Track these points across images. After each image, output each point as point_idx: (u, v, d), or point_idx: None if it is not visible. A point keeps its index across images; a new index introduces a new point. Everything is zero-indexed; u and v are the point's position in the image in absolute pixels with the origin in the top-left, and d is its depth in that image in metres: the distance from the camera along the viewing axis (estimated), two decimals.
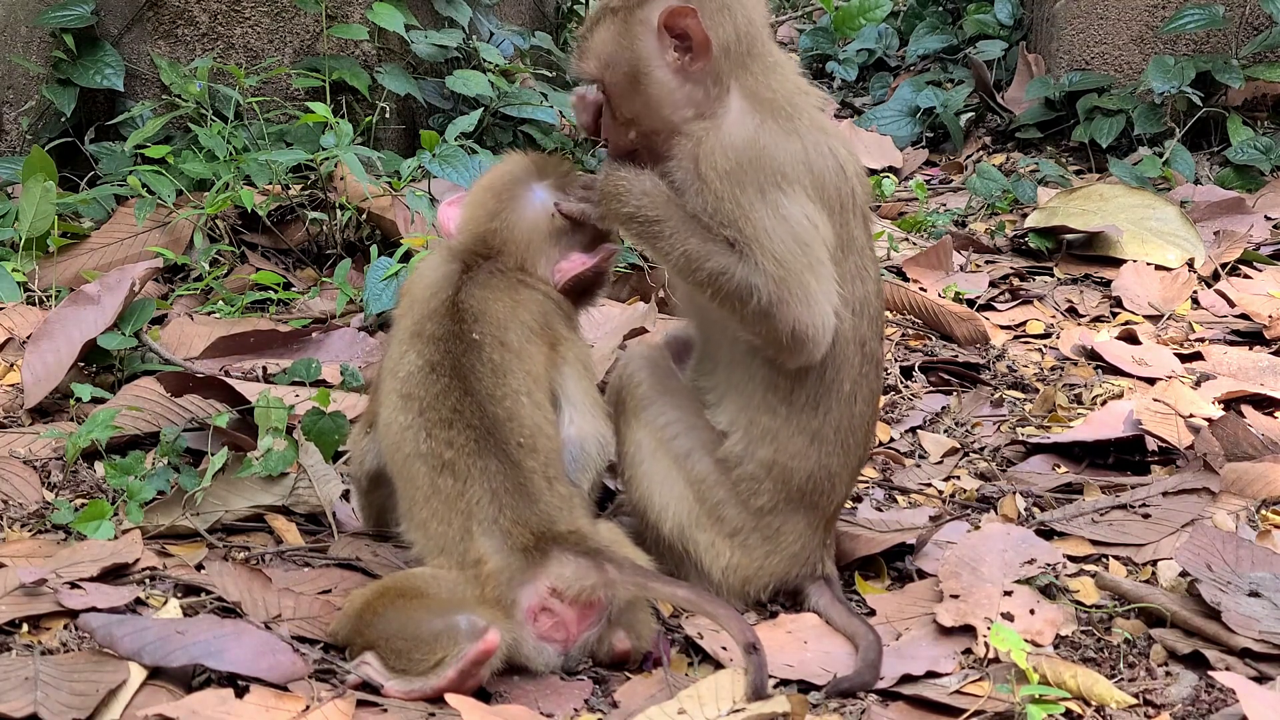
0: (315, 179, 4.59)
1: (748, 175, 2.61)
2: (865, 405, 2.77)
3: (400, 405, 2.59)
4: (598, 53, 2.72)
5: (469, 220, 2.79)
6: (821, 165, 2.66)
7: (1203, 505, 3.19)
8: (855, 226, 2.71)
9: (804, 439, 2.71)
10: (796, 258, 2.60)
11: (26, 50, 4.97)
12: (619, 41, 2.69)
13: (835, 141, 2.72)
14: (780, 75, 2.73)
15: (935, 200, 6.07)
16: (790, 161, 2.63)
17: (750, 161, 2.61)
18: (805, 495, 2.74)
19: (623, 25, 2.69)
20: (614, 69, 2.70)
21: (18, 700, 2.22)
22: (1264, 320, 4.56)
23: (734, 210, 2.60)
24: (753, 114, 2.66)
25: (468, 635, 2.36)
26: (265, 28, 5.19)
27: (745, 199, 2.60)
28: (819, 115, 2.74)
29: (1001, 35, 7.33)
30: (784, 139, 2.64)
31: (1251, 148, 5.99)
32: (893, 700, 2.50)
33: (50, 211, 4.30)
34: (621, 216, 2.68)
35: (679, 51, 2.66)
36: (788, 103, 2.69)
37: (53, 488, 3.07)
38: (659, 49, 2.67)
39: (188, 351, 3.88)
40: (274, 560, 2.88)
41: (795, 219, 2.61)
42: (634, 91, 2.69)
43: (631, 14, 2.68)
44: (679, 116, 2.68)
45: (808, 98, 2.75)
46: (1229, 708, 2.42)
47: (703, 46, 2.65)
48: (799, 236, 2.61)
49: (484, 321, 2.63)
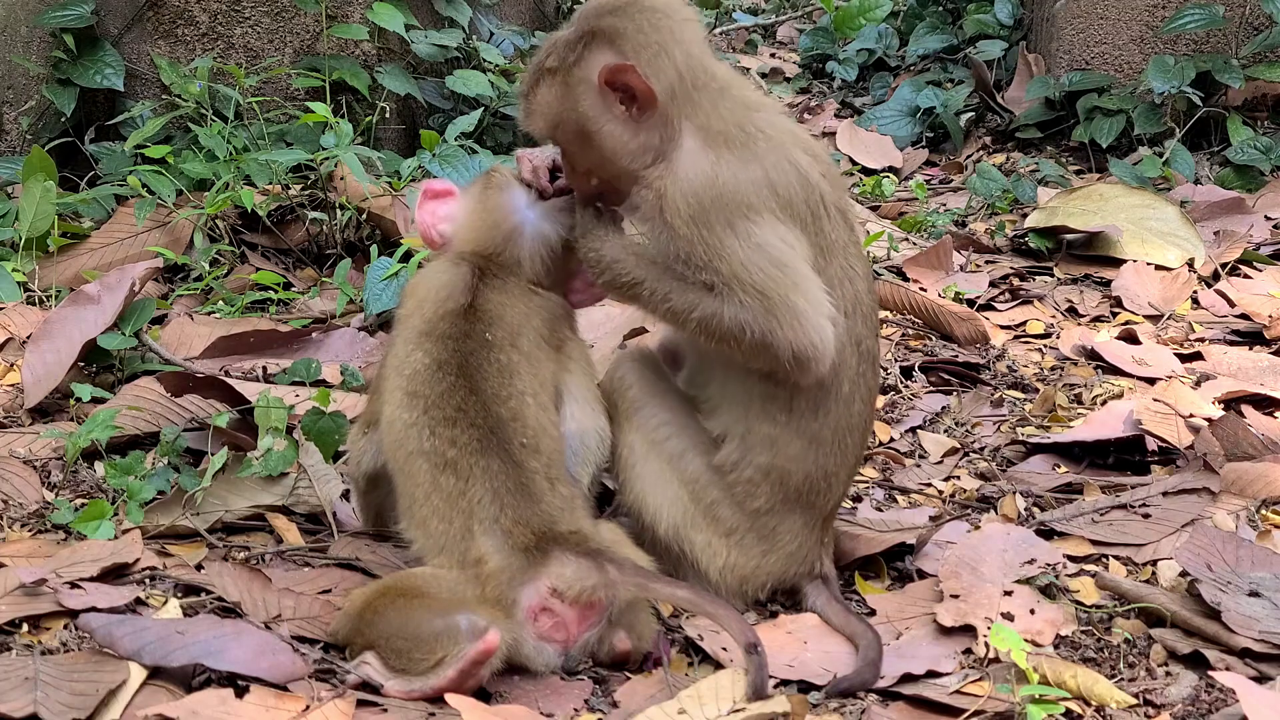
0: (315, 179, 4.59)
1: (712, 215, 2.60)
2: (863, 405, 2.77)
3: (405, 403, 2.59)
4: (544, 113, 2.69)
5: (469, 241, 2.77)
6: (784, 182, 2.64)
7: (1203, 505, 3.19)
8: (832, 229, 2.69)
9: (802, 443, 2.71)
10: (778, 283, 2.59)
11: (26, 50, 4.97)
12: (563, 102, 2.66)
13: (794, 150, 2.69)
14: (730, 99, 2.69)
15: (935, 200, 6.07)
16: (752, 189, 2.61)
17: (713, 201, 2.60)
18: (802, 496, 2.74)
19: (563, 86, 2.65)
20: (563, 128, 2.67)
21: (18, 700, 2.22)
22: (1264, 320, 4.56)
23: (706, 253, 2.60)
24: (706, 150, 2.63)
25: (468, 635, 2.36)
26: (265, 28, 5.19)
27: (714, 238, 2.59)
28: (775, 128, 2.70)
29: (1001, 35, 7.33)
30: (742, 168, 2.62)
31: (1251, 148, 5.99)
32: (893, 700, 2.50)
33: (50, 211, 4.30)
34: (601, 283, 2.70)
35: (624, 104, 2.63)
36: (740, 128, 2.65)
37: (53, 488, 3.07)
38: (604, 104, 2.64)
39: (188, 351, 3.88)
40: (274, 560, 2.88)
41: (769, 243, 2.60)
42: (587, 146, 2.67)
43: (570, 74, 2.64)
44: (637, 164, 2.67)
45: (761, 113, 2.71)
46: (1229, 708, 2.42)
47: (647, 98, 2.62)
48: (776, 260, 2.60)
49: (499, 326, 2.64)
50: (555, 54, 2.66)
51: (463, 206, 2.81)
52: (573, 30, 2.68)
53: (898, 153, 6.76)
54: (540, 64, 2.69)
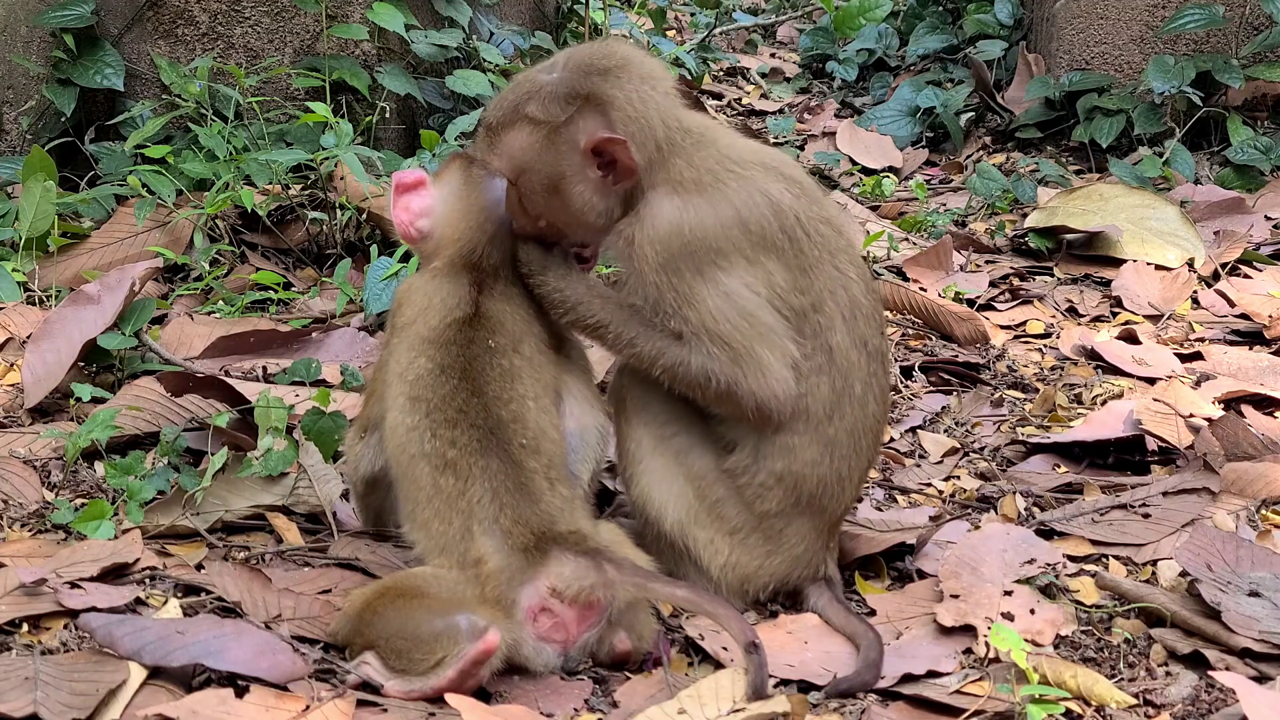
0: (315, 179, 4.59)
1: (681, 263, 2.61)
2: (877, 405, 2.78)
3: (408, 408, 2.59)
4: (512, 155, 2.66)
5: (451, 240, 2.74)
6: (756, 216, 2.64)
7: (1203, 505, 3.19)
8: (813, 246, 2.68)
9: (819, 448, 2.71)
10: (744, 334, 2.61)
11: (26, 50, 4.97)
12: (539, 154, 2.63)
13: (767, 181, 2.67)
14: (704, 150, 2.68)
15: (935, 200, 6.07)
16: (722, 233, 2.62)
17: (681, 249, 2.61)
18: (815, 500, 2.74)
19: (545, 140, 2.62)
20: (529, 175, 2.66)
21: (18, 700, 2.22)
22: (1264, 320, 4.56)
23: (675, 300, 2.61)
24: (674, 197, 2.63)
25: (468, 635, 2.36)
26: (265, 28, 5.19)
27: (684, 286, 2.61)
28: (747, 164, 2.68)
29: (1001, 35, 7.33)
30: (711, 211, 2.62)
31: (1251, 148, 5.99)
32: (893, 700, 2.50)
33: (50, 211, 4.30)
34: (564, 321, 2.71)
35: (602, 170, 2.63)
36: (709, 172, 2.66)
37: (53, 488, 3.07)
38: (581, 167, 2.63)
39: (188, 351, 3.88)
40: (274, 560, 2.88)
41: (736, 293, 2.62)
42: (550, 197, 2.67)
43: (556, 132, 2.62)
44: (599, 224, 2.68)
45: (734, 154, 2.69)
46: (1229, 708, 2.42)
47: (628, 171, 2.63)
48: (743, 310, 2.62)
49: (501, 333, 2.65)
50: (540, 105, 2.63)
51: (441, 200, 2.77)
52: (560, 83, 2.64)
53: (898, 153, 6.76)
54: (519, 107, 2.65)
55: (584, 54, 2.69)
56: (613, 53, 2.69)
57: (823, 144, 7.00)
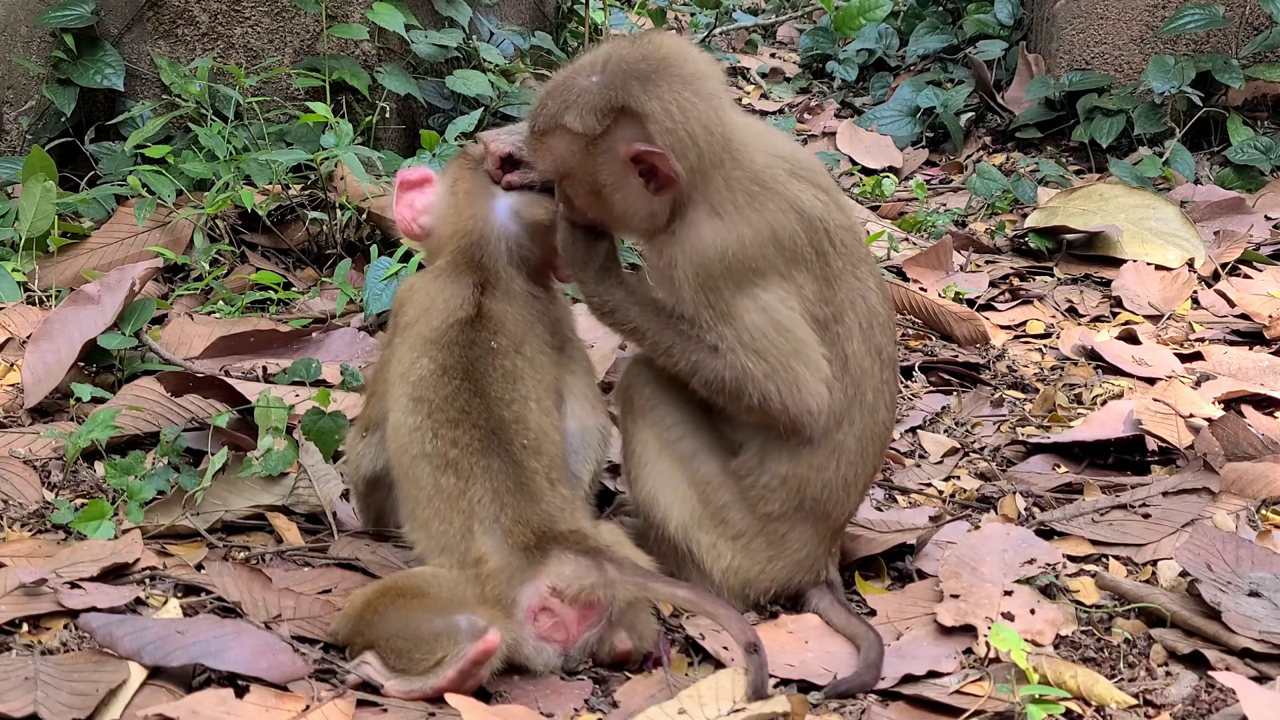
0: (315, 179, 4.59)
1: (720, 282, 2.62)
2: (887, 412, 2.78)
3: (410, 408, 2.59)
4: (556, 159, 2.64)
5: (448, 236, 2.75)
6: (788, 230, 2.64)
7: (1203, 505, 3.19)
8: (838, 257, 2.69)
9: (826, 452, 2.72)
10: (781, 349, 2.62)
11: (26, 50, 4.97)
12: (580, 161, 2.61)
13: (798, 190, 2.66)
14: (743, 163, 2.65)
15: (935, 200, 6.07)
16: (758, 250, 2.62)
17: (722, 271, 2.61)
18: (819, 504, 2.74)
19: (585, 150, 2.60)
20: (573, 179, 2.65)
21: (18, 700, 2.22)
22: (1264, 320, 4.56)
23: (712, 317, 2.62)
24: (712, 219, 2.62)
25: (468, 635, 2.36)
26: (265, 28, 5.19)
27: (722, 303, 2.62)
28: (782, 172, 2.67)
29: (1001, 35, 7.33)
30: (750, 231, 2.62)
31: (1251, 148, 5.99)
32: (893, 700, 2.50)
33: (50, 211, 4.30)
34: (603, 322, 2.73)
35: (644, 177, 2.61)
36: (746, 191, 2.64)
37: (53, 488, 3.07)
38: (622, 173, 2.61)
39: (188, 351, 3.88)
40: (274, 560, 2.88)
41: (773, 308, 2.63)
42: (595, 200, 2.65)
43: (595, 143, 2.59)
44: (643, 227, 2.68)
45: (772, 164, 2.68)
46: (1229, 708, 2.42)
47: (669, 181, 2.61)
48: (779, 325, 2.63)
49: (503, 333, 2.65)
50: (577, 116, 2.58)
51: (443, 198, 2.78)
52: (597, 92, 2.58)
53: (898, 153, 6.76)
54: (557, 116, 2.61)
55: (624, 54, 2.62)
56: (653, 53, 2.61)
57: (823, 144, 7.00)
